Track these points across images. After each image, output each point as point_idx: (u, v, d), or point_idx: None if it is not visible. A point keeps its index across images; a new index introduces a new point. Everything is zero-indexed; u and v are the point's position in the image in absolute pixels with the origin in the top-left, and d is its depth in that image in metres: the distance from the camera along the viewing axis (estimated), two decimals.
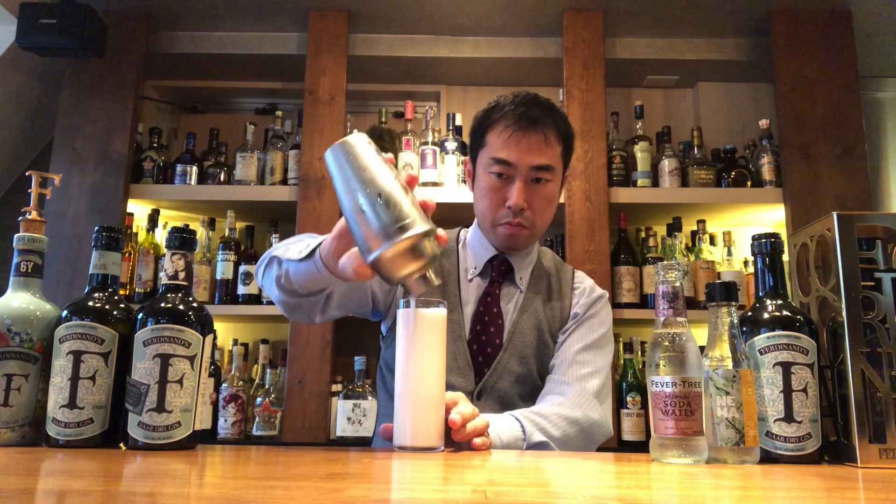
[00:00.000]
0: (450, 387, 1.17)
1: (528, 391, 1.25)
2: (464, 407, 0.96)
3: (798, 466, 0.84)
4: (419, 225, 0.76)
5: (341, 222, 0.86)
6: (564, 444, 1.11)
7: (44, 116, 2.69)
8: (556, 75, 2.54)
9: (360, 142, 0.81)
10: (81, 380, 0.87)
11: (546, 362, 1.28)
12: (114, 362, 0.89)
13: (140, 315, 0.88)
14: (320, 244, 0.93)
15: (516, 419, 1.08)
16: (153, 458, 0.78)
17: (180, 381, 0.86)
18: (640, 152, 2.41)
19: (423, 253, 0.77)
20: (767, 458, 0.87)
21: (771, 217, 2.48)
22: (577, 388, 1.20)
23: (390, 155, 0.86)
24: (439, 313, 0.94)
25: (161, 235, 2.42)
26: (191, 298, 0.91)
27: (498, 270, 1.31)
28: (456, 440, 0.93)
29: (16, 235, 0.95)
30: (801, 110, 2.36)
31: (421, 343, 0.92)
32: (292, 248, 1.01)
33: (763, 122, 2.44)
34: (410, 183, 0.81)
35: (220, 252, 2.35)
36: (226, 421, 2.19)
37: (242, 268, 2.32)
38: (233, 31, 2.57)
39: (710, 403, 0.85)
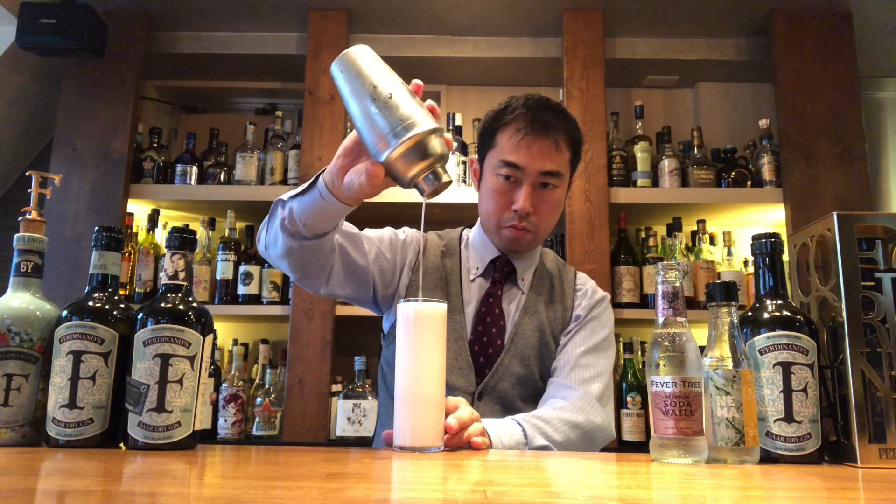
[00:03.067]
0: (451, 387, 1.17)
1: (529, 393, 1.25)
2: (462, 412, 0.96)
3: (798, 466, 0.84)
4: (427, 122, 0.81)
5: (346, 141, 0.90)
6: (566, 448, 1.11)
7: (44, 116, 2.69)
8: (556, 75, 2.54)
9: (365, 51, 0.85)
10: (81, 380, 0.87)
11: (547, 364, 1.28)
12: (114, 362, 0.89)
13: (140, 315, 0.88)
14: (323, 171, 0.95)
15: (518, 423, 1.08)
16: (153, 458, 0.78)
17: (180, 381, 0.86)
18: (640, 152, 2.41)
19: (433, 149, 0.81)
20: (767, 458, 0.87)
21: (771, 217, 2.48)
22: (580, 391, 1.20)
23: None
24: (440, 309, 0.94)
25: (161, 235, 2.42)
26: (191, 298, 0.91)
27: (500, 271, 1.31)
28: (449, 444, 0.93)
29: (16, 235, 0.95)
30: (801, 110, 2.36)
31: (421, 340, 0.92)
32: (296, 189, 1.02)
33: (763, 122, 2.44)
34: (416, 90, 0.85)
35: (220, 252, 2.35)
36: (226, 421, 2.19)
37: (242, 268, 2.32)
38: (233, 31, 2.57)
39: (710, 403, 0.85)
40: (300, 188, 1.00)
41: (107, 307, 0.91)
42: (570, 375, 1.23)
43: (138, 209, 2.44)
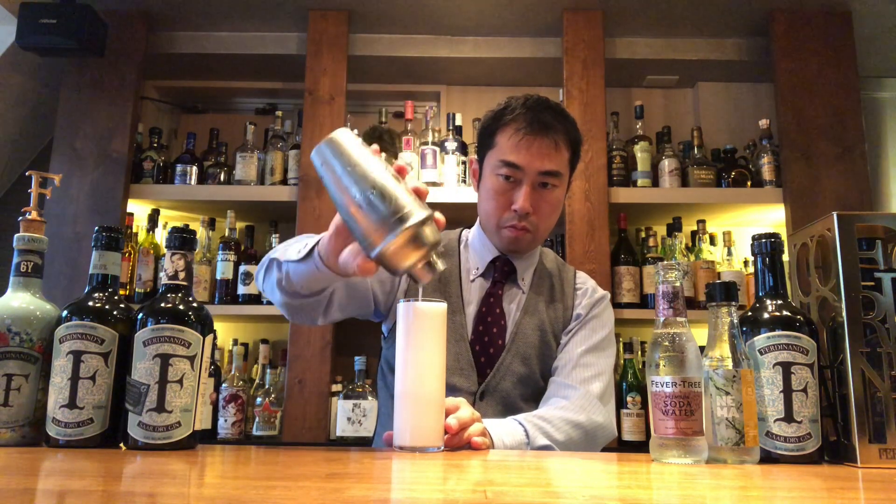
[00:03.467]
0: (452, 388, 1.17)
1: (531, 392, 1.25)
2: (463, 412, 0.96)
3: (798, 466, 0.84)
4: (417, 212, 0.76)
5: (337, 219, 0.85)
6: (568, 448, 1.11)
7: (44, 116, 2.69)
8: (556, 75, 2.54)
9: (345, 137, 0.80)
10: (81, 380, 0.87)
11: (548, 363, 1.28)
12: (114, 362, 0.89)
13: (140, 315, 0.88)
14: (318, 242, 0.93)
15: (520, 423, 1.08)
16: (153, 458, 0.78)
17: (180, 381, 0.86)
18: (640, 152, 2.41)
19: (426, 240, 0.77)
20: (767, 458, 0.87)
21: (771, 217, 2.48)
22: (581, 391, 1.20)
23: (376, 146, 0.86)
24: (439, 308, 0.94)
25: (161, 235, 2.42)
26: (191, 298, 0.91)
27: (500, 271, 1.31)
28: (449, 445, 0.93)
29: (16, 235, 0.95)
30: (801, 110, 2.36)
31: (421, 339, 0.92)
32: (291, 249, 1.01)
33: (763, 122, 2.44)
34: (400, 172, 0.81)
35: (220, 252, 2.35)
36: (226, 421, 2.19)
37: (242, 268, 2.32)
38: (233, 31, 2.57)
39: (710, 403, 0.85)
40: (294, 255, 0.97)
41: (107, 307, 0.91)
42: (571, 375, 1.23)
43: (138, 209, 2.44)
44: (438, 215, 0.81)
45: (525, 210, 1.22)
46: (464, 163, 2.37)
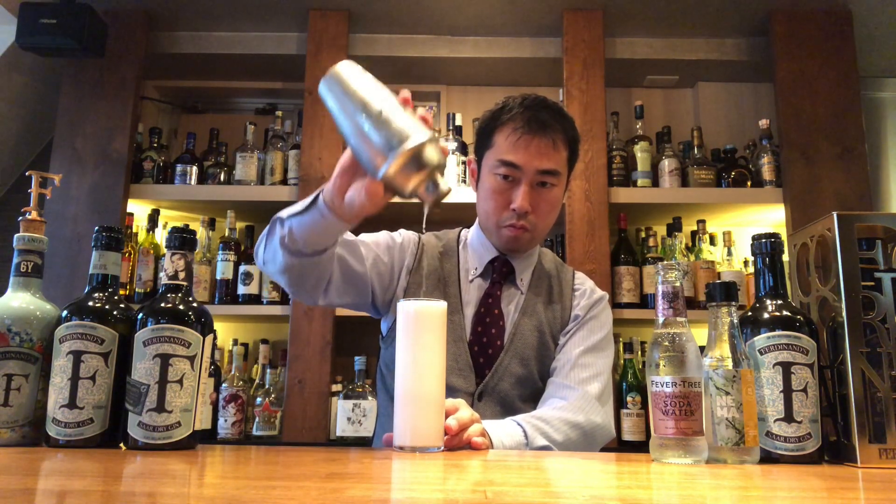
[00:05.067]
0: (451, 388, 1.17)
1: (529, 393, 1.25)
2: (462, 413, 0.96)
3: (798, 466, 0.84)
4: (421, 133, 0.80)
5: (342, 159, 0.89)
6: (567, 448, 1.11)
7: (44, 116, 2.69)
8: (556, 75, 2.54)
9: (350, 67, 0.85)
10: (81, 380, 0.87)
11: (547, 364, 1.28)
12: (114, 362, 0.89)
13: (140, 315, 0.88)
14: (322, 190, 0.94)
15: (518, 424, 1.08)
16: (153, 458, 0.78)
17: (180, 381, 0.86)
18: (640, 152, 2.41)
19: (430, 159, 0.80)
20: (767, 458, 0.87)
21: (771, 217, 2.48)
22: (579, 391, 1.20)
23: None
24: (439, 308, 0.94)
25: (161, 235, 2.42)
26: (191, 298, 0.91)
27: (499, 272, 1.31)
28: (448, 445, 0.93)
29: (16, 235, 0.95)
30: (801, 110, 2.36)
31: (420, 340, 0.92)
32: (294, 206, 1.01)
33: (763, 122, 2.44)
34: (406, 102, 0.84)
35: (220, 252, 2.35)
36: (226, 421, 2.19)
37: (242, 268, 2.32)
38: (233, 31, 2.57)
39: (710, 403, 0.85)
40: (299, 206, 0.99)
41: (107, 307, 0.91)
42: (569, 375, 1.23)
43: (138, 209, 2.44)
44: (443, 141, 0.83)
45: (524, 209, 1.22)
46: (464, 163, 2.37)
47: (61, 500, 0.54)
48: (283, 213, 1.03)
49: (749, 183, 2.38)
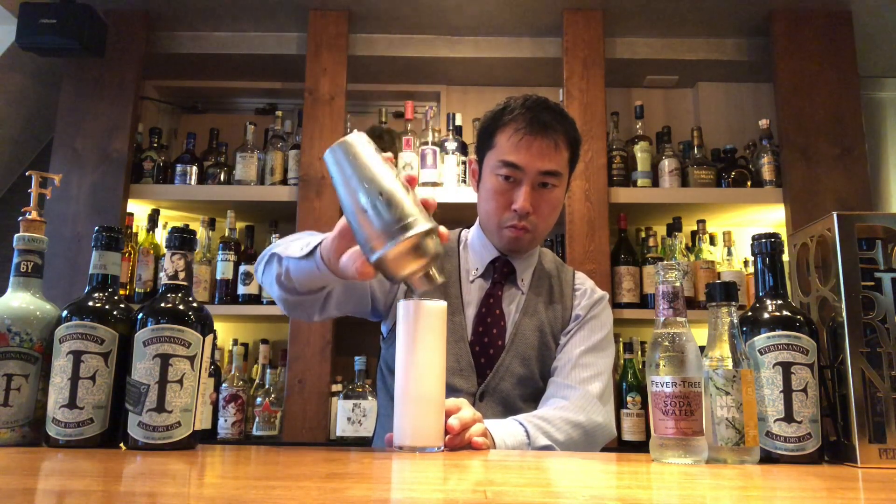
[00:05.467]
0: (452, 388, 1.17)
1: (530, 392, 1.25)
2: (465, 412, 0.96)
3: (798, 466, 0.84)
4: (421, 223, 0.77)
5: (342, 221, 0.86)
6: (568, 448, 1.12)
7: (44, 116, 2.69)
8: (556, 75, 2.54)
9: (359, 141, 0.81)
10: (81, 380, 0.87)
11: (548, 364, 1.28)
12: (114, 362, 0.89)
13: (140, 315, 0.88)
14: (321, 243, 0.93)
15: (520, 423, 1.09)
16: (153, 458, 0.78)
17: (180, 381, 0.86)
18: (640, 152, 2.41)
19: (426, 251, 0.77)
20: (767, 458, 0.87)
21: (771, 217, 2.48)
22: (580, 391, 1.20)
23: (390, 154, 0.86)
24: (440, 307, 0.94)
25: (161, 235, 2.42)
26: (191, 298, 0.91)
27: (500, 272, 1.31)
28: (450, 445, 0.93)
29: (16, 235, 0.95)
30: (801, 110, 2.36)
31: (421, 339, 0.92)
32: (293, 245, 1.00)
33: (763, 122, 2.44)
34: (410, 182, 0.81)
35: (220, 252, 2.35)
36: (226, 421, 2.19)
37: (242, 268, 2.32)
38: (233, 31, 2.57)
39: (710, 403, 0.85)
40: (297, 252, 0.97)
41: (107, 307, 0.91)
42: (570, 375, 1.23)
43: (138, 209, 2.44)
44: (443, 229, 0.81)
45: (525, 210, 1.22)
46: (464, 163, 2.37)
47: (61, 500, 0.54)
48: (282, 252, 1.02)
49: (749, 183, 2.38)
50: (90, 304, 0.90)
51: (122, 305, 0.93)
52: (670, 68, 2.63)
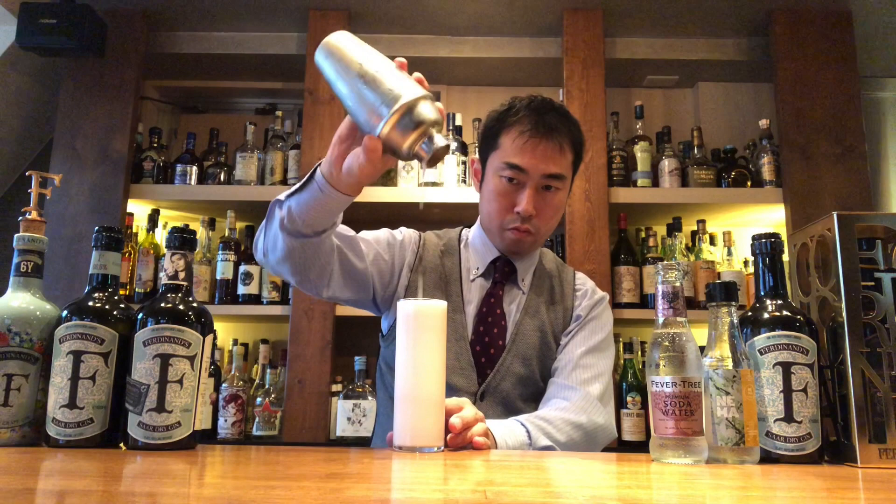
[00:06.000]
0: (452, 388, 1.17)
1: (531, 392, 1.25)
2: (466, 412, 0.96)
3: (798, 466, 0.84)
4: (414, 90, 0.82)
5: (340, 129, 0.91)
6: (569, 449, 1.12)
7: (44, 116, 2.69)
8: (556, 75, 2.54)
9: (346, 35, 0.87)
10: (81, 380, 0.87)
11: (548, 364, 1.28)
12: (114, 362, 0.89)
13: (140, 315, 0.88)
14: (319, 165, 0.95)
15: (522, 424, 1.09)
16: (153, 458, 0.78)
17: (180, 381, 0.86)
18: (640, 152, 2.41)
19: (426, 115, 0.82)
20: (767, 458, 0.87)
21: (771, 217, 2.48)
22: (581, 392, 1.20)
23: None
24: (440, 307, 0.94)
25: (161, 235, 2.42)
26: (191, 298, 0.91)
27: (501, 271, 1.31)
28: (452, 444, 0.93)
29: (16, 235, 0.95)
30: (801, 110, 2.36)
31: (421, 339, 0.92)
32: (293, 187, 1.01)
33: (763, 122, 2.44)
34: (401, 67, 0.87)
35: (220, 252, 2.35)
36: (226, 421, 2.19)
37: (242, 268, 2.32)
38: (233, 31, 2.57)
39: (710, 403, 0.85)
40: (297, 185, 0.99)
41: (107, 307, 0.91)
42: (570, 376, 1.23)
43: (138, 209, 2.44)
44: (438, 104, 0.85)
45: (528, 213, 1.22)
46: (464, 163, 2.37)
47: (61, 500, 0.54)
48: (282, 195, 1.03)
49: (749, 183, 2.38)
50: (90, 304, 0.90)
51: (122, 305, 0.93)
52: (670, 68, 2.63)
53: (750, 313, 0.93)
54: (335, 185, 0.93)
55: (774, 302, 0.93)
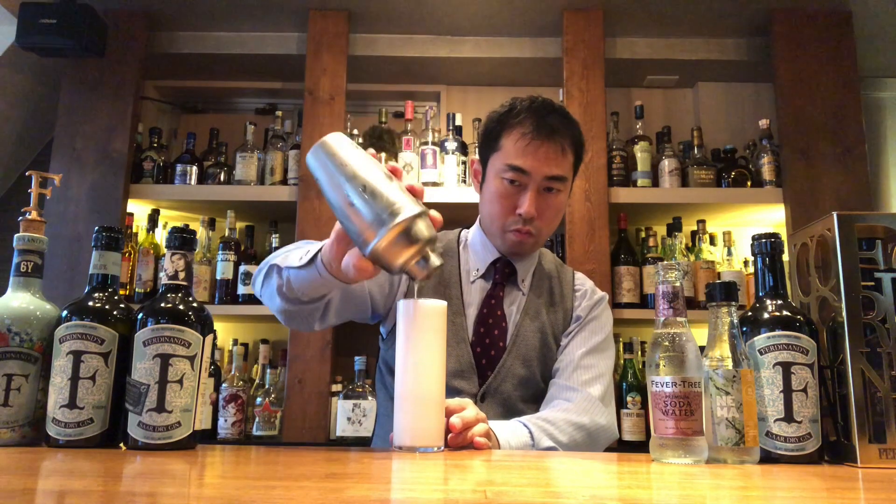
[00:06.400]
0: (453, 390, 1.17)
1: (531, 394, 1.25)
2: (468, 412, 0.96)
3: (798, 466, 0.84)
4: (410, 207, 0.77)
5: (337, 227, 0.86)
6: (571, 449, 1.12)
7: (44, 116, 2.69)
8: (556, 75, 2.54)
9: (338, 139, 0.82)
10: (81, 380, 0.87)
11: (549, 365, 1.28)
12: (114, 362, 0.89)
13: (140, 315, 0.88)
14: (321, 250, 0.93)
15: (524, 425, 1.09)
16: (153, 458, 0.78)
17: (180, 381, 0.86)
18: (640, 152, 2.41)
19: (419, 234, 0.77)
20: (767, 458, 0.87)
21: (771, 217, 2.48)
22: (583, 393, 1.20)
23: (371, 150, 0.88)
24: (440, 307, 0.94)
25: (161, 235, 2.42)
26: (191, 298, 0.91)
27: (501, 273, 1.30)
28: (452, 444, 0.93)
29: (16, 235, 0.95)
30: (801, 110, 2.36)
31: (421, 339, 0.92)
32: (291, 255, 1.00)
33: (763, 122, 2.44)
34: (394, 172, 0.82)
35: (220, 252, 2.35)
36: (226, 421, 2.19)
37: (242, 268, 2.32)
38: (233, 31, 2.57)
39: (710, 403, 0.85)
40: (296, 261, 0.97)
41: (107, 307, 0.91)
42: (572, 377, 1.23)
43: (138, 209, 2.44)
44: (434, 213, 0.81)
45: (530, 215, 1.21)
46: (464, 163, 2.37)
47: (61, 500, 0.54)
48: (281, 263, 1.02)
49: (749, 183, 2.38)
50: (90, 304, 0.90)
51: (122, 305, 0.93)
52: (670, 68, 2.63)
53: (750, 313, 0.93)
54: (335, 276, 0.92)
55: (774, 302, 0.93)
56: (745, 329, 0.92)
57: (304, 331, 1.17)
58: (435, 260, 0.80)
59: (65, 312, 0.90)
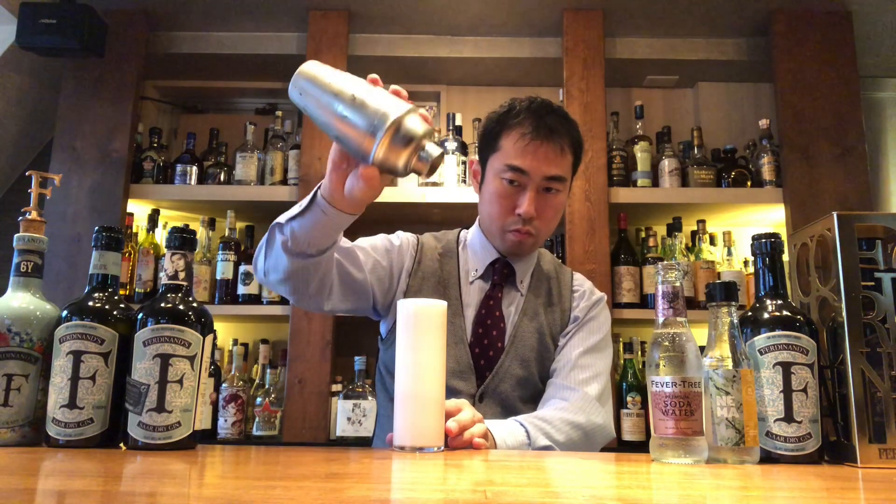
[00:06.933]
0: (452, 390, 1.17)
1: (530, 394, 1.25)
2: (464, 414, 0.96)
3: (798, 466, 0.84)
4: (399, 107, 0.80)
5: (332, 154, 0.90)
6: (568, 448, 1.12)
7: (44, 116, 2.69)
8: (556, 75, 2.54)
9: (313, 65, 0.87)
10: (81, 380, 0.87)
11: (547, 366, 1.28)
12: (114, 362, 0.89)
13: (140, 315, 0.88)
14: (318, 189, 0.95)
15: (521, 424, 1.09)
16: (153, 458, 0.78)
17: (180, 381, 0.86)
18: (640, 152, 2.41)
19: (414, 130, 0.81)
20: (767, 458, 0.87)
21: (771, 217, 2.48)
22: (580, 392, 1.20)
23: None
24: (439, 307, 0.94)
25: (161, 235, 2.42)
26: (191, 298, 0.91)
27: (500, 273, 1.30)
28: (452, 447, 0.94)
29: (16, 235, 0.95)
30: (801, 110, 2.36)
31: (421, 339, 0.92)
32: (292, 210, 1.01)
33: (763, 122, 2.44)
34: (374, 82, 0.85)
35: (220, 252, 2.35)
36: (226, 421, 2.19)
37: (242, 268, 2.32)
38: (233, 31, 2.57)
39: (710, 403, 0.85)
40: (297, 209, 0.99)
41: (107, 307, 0.91)
42: (569, 376, 1.23)
43: (138, 209, 2.44)
44: (422, 110, 0.84)
45: (530, 215, 1.22)
46: (464, 163, 2.37)
47: (61, 500, 0.54)
48: (282, 218, 1.03)
49: (749, 183, 2.38)
50: (90, 304, 0.90)
51: (122, 305, 0.93)
52: (670, 68, 2.63)
53: (750, 313, 0.93)
54: (338, 207, 0.94)
55: (774, 302, 0.93)
56: (745, 329, 0.92)
57: (312, 308, 1.17)
58: (433, 149, 0.82)
59: (65, 312, 0.90)
